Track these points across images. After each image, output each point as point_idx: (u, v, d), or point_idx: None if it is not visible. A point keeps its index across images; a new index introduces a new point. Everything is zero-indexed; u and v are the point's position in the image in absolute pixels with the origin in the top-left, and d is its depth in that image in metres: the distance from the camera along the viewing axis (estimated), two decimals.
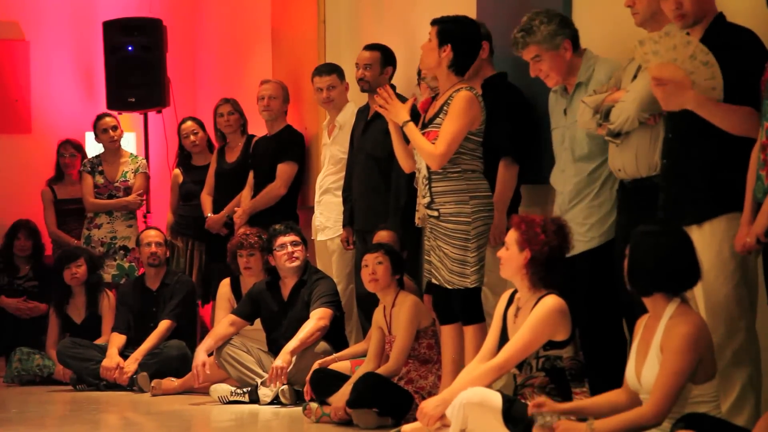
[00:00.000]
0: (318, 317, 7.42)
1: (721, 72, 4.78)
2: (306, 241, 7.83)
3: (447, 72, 6.14)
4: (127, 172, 9.61)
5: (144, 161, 9.80)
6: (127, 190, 9.58)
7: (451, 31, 6.11)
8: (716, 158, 4.89)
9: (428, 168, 6.12)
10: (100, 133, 9.62)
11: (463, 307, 6.13)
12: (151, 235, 8.87)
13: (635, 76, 5.37)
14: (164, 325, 8.55)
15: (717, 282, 4.84)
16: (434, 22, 6.17)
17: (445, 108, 6.08)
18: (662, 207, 5.09)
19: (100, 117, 9.67)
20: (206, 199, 9.28)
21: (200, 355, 7.61)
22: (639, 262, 4.55)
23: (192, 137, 9.52)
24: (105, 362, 8.38)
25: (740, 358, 4.87)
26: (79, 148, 10.03)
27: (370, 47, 7.81)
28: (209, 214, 9.16)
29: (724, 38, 4.84)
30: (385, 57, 7.74)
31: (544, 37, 5.67)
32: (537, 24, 5.68)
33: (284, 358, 7.23)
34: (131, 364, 8.35)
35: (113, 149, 9.65)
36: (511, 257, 5.21)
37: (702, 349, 4.46)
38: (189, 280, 8.97)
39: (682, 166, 4.99)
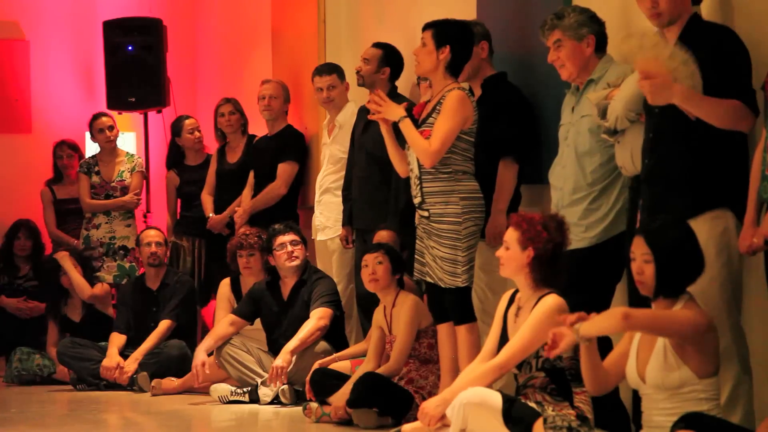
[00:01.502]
0: (318, 317, 7.42)
1: (699, 70, 4.80)
2: (306, 241, 7.83)
3: (443, 74, 6.15)
4: (123, 171, 9.61)
5: (140, 160, 9.79)
6: (124, 190, 9.58)
7: (449, 32, 6.13)
8: (697, 157, 4.92)
9: (420, 168, 6.14)
10: (96, 133, 9.61)
11: (454, 306, 6.14)
12: (151, 235, 8.87)
13: None
14: (164, 324, 8.55)
15: (702, 281, 4.84)
16: (428, 26, 6.19)
17: (438, 107, 6.10)
18: (645, 207, 5.09)
19: (96, 117, 9.65)
20: (207, 199, 9.28)
21: (200, 354, 7.61)
22: (671, 271, 4.53)
23: (197, 134, 9.54)
24: (105, 362, 8.38)
25: (728, 357, 4.88)
26: (76, 148, 10.02)
27: (376, 45, 7.82)
28: (211, 215, 9.16)
29: (701, 36, 4.87)
30: (386, 57, 7.73)
31: (571, 24, 5.70)
32: (569, 11, 5.75)
33: (284, 357, 7.24)
34: (131, 364, 8.35)
35: (109, 149, 9.65)
36: (512, 257, 5.20)
37: (702, 339, 4.46)
38: (189, 280, 8.97)
39: (663, 165, 5.01)
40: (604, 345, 5.70)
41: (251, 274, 8.11)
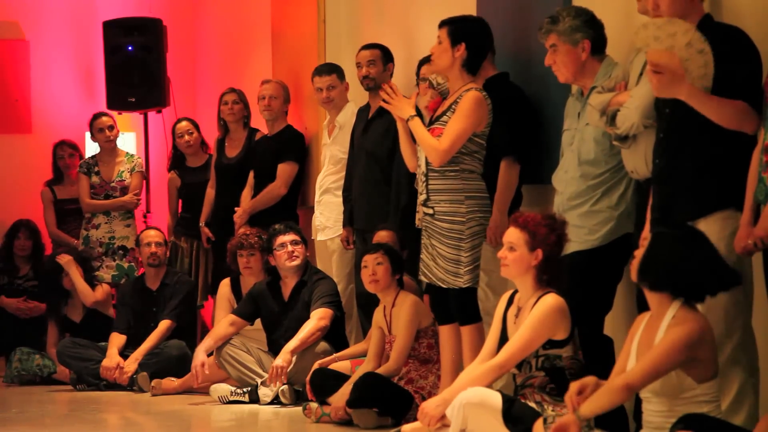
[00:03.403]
0: (318, 317, 7.42)
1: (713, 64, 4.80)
2: (306, 241, 7.83)
3: (460, 71, 6.14)
4: (123, 171, 9.61)
5: (140, 160, 9.79)
6: (124, 190, 9.57)
7: (464, 29, 6.12)
8: (707, 157, 4.90)
9: (427, 165, 6.13)
10: (96, 133, 9.61)
11: (458, 307, 6.13)
12: (151, 235, 8.87)
13: (642, 73, 5.37)
14: (164, 325, 8.55)
15: None
16: (443, 23, 6.17)
17: (453, 106, 6.08)
18: (655, 207, 5.09)
19: (96, 116, 9.65)
20: (208, 196, 9.29)
21: (199, 355, 7.61)
22: (656, 258, 4.53)
23: (186, 137, 9.52)
24: (105, 362, 8.38)
25: (737, 358, 4.87)
26: (76, 148, 10.05)
27: (369, 46, 7.83)
28: (201, 224, 9.19)
29: (711, 37, 4.86)
30: (386, 54, 7.76)
31: (565, 29, 5.67)
32: (564, 15, 5.71)
33: (284, 357, 7.23)
34: (131, 364, 8.34)
35: (109, 149, 9.65)
36: (519, 258, 5.17)
37: (699, 350, 4.45)
38: (189, 280, 8.97)
39: (673, 165, 5.00)
40: (604, 344, 5.71)
41: (251, 274, 8.11)
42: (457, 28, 6.11)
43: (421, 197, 6.16)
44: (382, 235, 7.16)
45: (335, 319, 7.51)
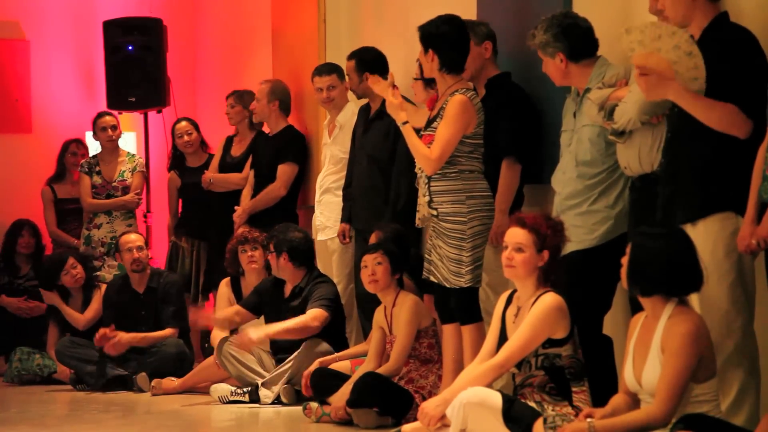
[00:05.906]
0: (312, 316, 7.37)
1: (705, 66, 4.79)
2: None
3: (440, 75, 6.16)
4: (124, 171, 9.62)
5: (141, 160, 9.80)
6: (125, 190, 9.58)
7: (429, 35, 6.14)
8: (709, 158, 4.90)
9: None
10: (98, 131, 9.62)
11: (459, 306, 6.14)
12: (132, 240, 8.71)
13: None
14: (168, 332, 8.50)
15: (711, 281, 4.82)
16: (418, 30, 6.20)
17: (441, 112, 6.09)
18: (659, 206, 5.09)
19: (100, 115, 9.67)
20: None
21: (218, 337, 7.72)
22: (641, 263, 4.54)
23: (186, 137, 9.53)
24: (100, 330, 8.32)
25: (737, 358, 4.87)
26: (87, 149, 10.06)
27: (348, 57, 7.90)
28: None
29: (719, 36, 4.86)
30: (361, 64, 7.78)
31: (539, 43, 5.77)
32: (539, 29, 5.77)
33: (260, 336, 7.26)
34: (125, 336, 8.28)
35: (111, 148, 9.66)
36: (528, 259, 5.17)
37: (702, 348, 4.46)
38: (176, 280, 8.82)
39: (677, 165, 5.01)
40: (604, 343, 5.72)
41: (255, 269, 8.10)
42: (423, 36, 6.15)
43: (425, 198, 6.17)
44: (380, 235, 7.16)
45: (335, 319, 7.50)
